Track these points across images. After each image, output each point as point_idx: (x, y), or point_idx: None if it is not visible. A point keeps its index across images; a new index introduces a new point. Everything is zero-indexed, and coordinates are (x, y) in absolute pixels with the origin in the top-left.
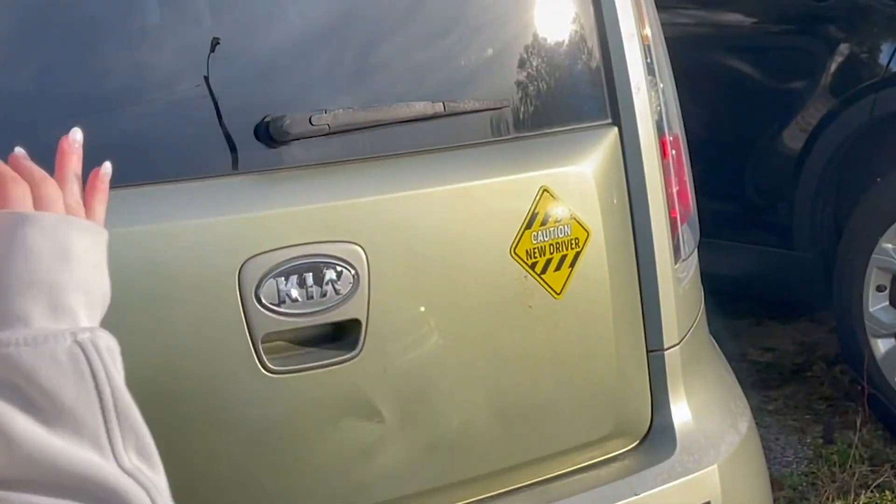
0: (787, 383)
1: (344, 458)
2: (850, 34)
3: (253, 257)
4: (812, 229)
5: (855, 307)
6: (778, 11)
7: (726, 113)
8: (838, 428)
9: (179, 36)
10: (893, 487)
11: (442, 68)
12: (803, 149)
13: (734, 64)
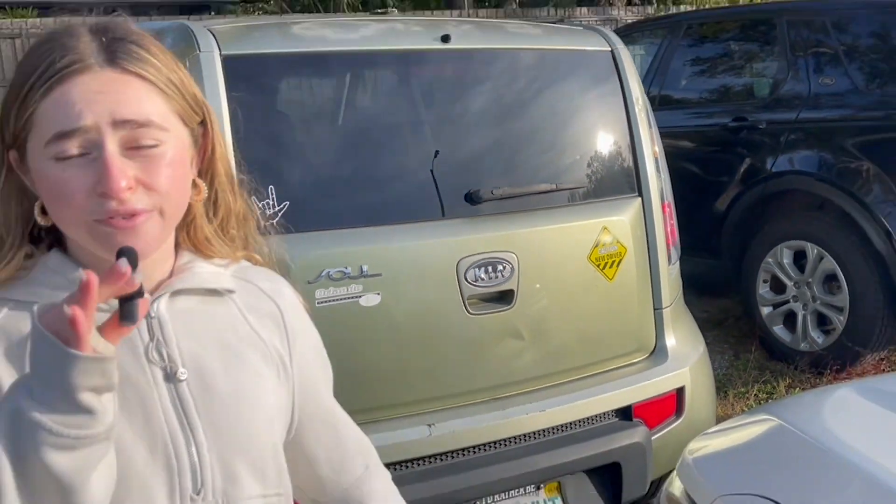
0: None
1: (503, 356)
2: (750, 149)
3: (463, 258)
4: (731, 250)
5: (752, 290)
6: (713, 136)
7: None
8: (742, 351)
9: (422, 147)
10: (770, 382)
11: (552, 164)
12: (728, 209)
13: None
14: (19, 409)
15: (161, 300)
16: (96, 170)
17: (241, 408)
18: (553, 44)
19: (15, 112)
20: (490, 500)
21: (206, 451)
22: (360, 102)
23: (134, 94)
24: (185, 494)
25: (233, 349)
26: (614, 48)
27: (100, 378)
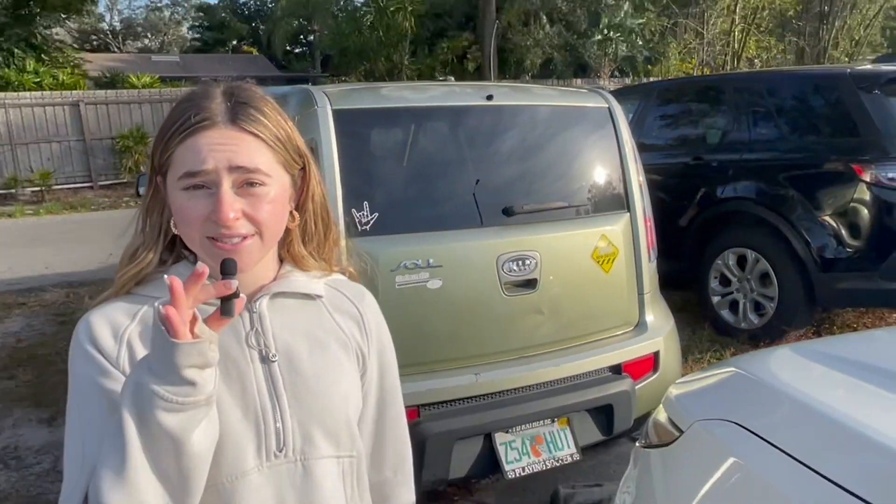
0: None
1: (528, 326)
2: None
3: (501, 254)
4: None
5: (705, 283)
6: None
7: (661, 211)
8: (697, 329)
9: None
10: (720, 350)
11: (565, 187)
12: (688, 224)
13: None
14: (141, 381)
15: (263, 299)
16: (213, 202)
17: (320, 386)
18: (566, 101)
19: (160, 151)
20: (518, 428)
21: (288, 417)
22: (428, 143)
23: (247, 148)
24: (270, 451)
25: (318, 340)
26: (610, 105)
27: (197, 357)
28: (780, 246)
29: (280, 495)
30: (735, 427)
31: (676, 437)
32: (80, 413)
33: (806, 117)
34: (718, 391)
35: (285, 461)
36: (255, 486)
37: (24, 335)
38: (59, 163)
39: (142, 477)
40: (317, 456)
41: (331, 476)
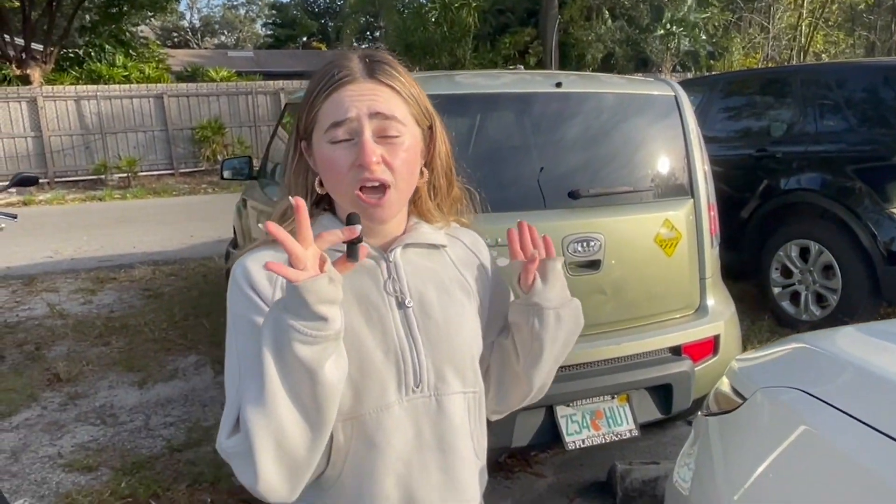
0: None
1: (591, 306)
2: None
3: (566, 235)
4: (751, 245)
5: (767, 275)
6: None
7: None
8: (757, 320)
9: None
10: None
11: (630, 173)
12: (751, 216)
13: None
14: (279, 318)
15: (396, 250)
16: (356, 151)
17: (448, 328)
18: (633, 89)
19: (306, 112)
20: (579, 402)
21: (423, 357)
22: (498, 127)
23: (384, 97)
24: (409, 386)
25: (445, 287)
26: (677, 93)
27: (323, 292)
28: (844, 238)
29: (417, 426)
30: (799, 393)
31: (739, 404)
32: (237, 347)
33: (874, 109)
34: (782, 362)
35: (421, 396)
36: (397, 417)
37: (115, 307)
38: (144, 151)
39: (279, 402)
40: (448, 391)
41: (459, 410)
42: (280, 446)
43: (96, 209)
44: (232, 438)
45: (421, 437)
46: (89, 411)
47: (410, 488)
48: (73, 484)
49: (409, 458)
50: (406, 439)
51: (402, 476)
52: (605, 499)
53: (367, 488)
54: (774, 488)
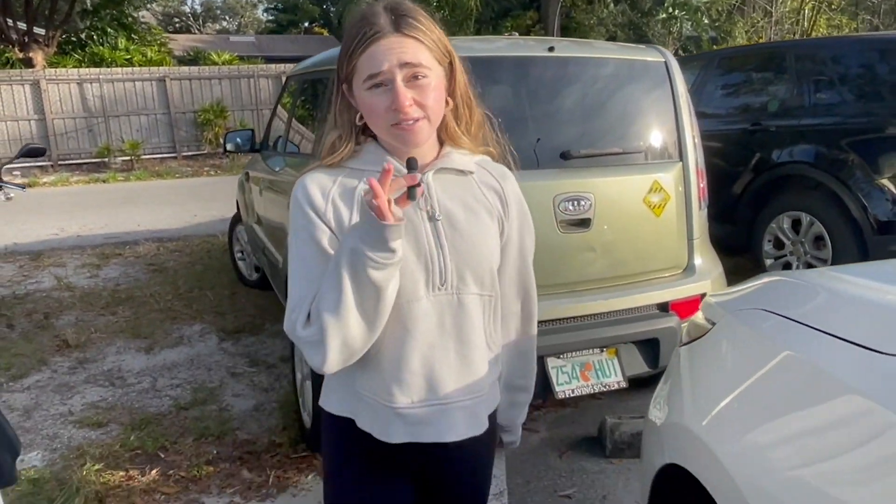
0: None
1: (581, 263)
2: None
3: (558, 194)
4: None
5: (759, 247)
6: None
7: (718, 176)
8: None
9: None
10: None
11: (621, 136)
12: (745, 189)
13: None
14: (356, 248)
15: (429, 173)
16: (391, 96)
17: (472, 240)
18: (625, 55)
19: (345, 63)
20: (569, 354)
21: (448, 261)
22: (492, 90)
23: (411, 48)
24: (435, 285)
25: (470, 207)
26: (667, 60)
27: (397, 233)
28: (835, 209)
29: (441, 317)
30: (765, 313)
31: (709, 329)
32: (299, 255)
33: (867, 83)
34: (754, 291)
35: (445, 293)
36: (425, 308)
37: (121, 280)
38: (146, 134)
39: (350, 312)
40: (467, 292)
41: (476, 308)
42: (345, 342)
43: (100, 191)
44: (307, 329)
45: (443, 327)
46: (98, 374)
47: (432, 366)
48: (84, 438)
49: (433, 341)
50: (431, 327)
51: (426, 355)
52: (595, 452)
53: (399, 362)
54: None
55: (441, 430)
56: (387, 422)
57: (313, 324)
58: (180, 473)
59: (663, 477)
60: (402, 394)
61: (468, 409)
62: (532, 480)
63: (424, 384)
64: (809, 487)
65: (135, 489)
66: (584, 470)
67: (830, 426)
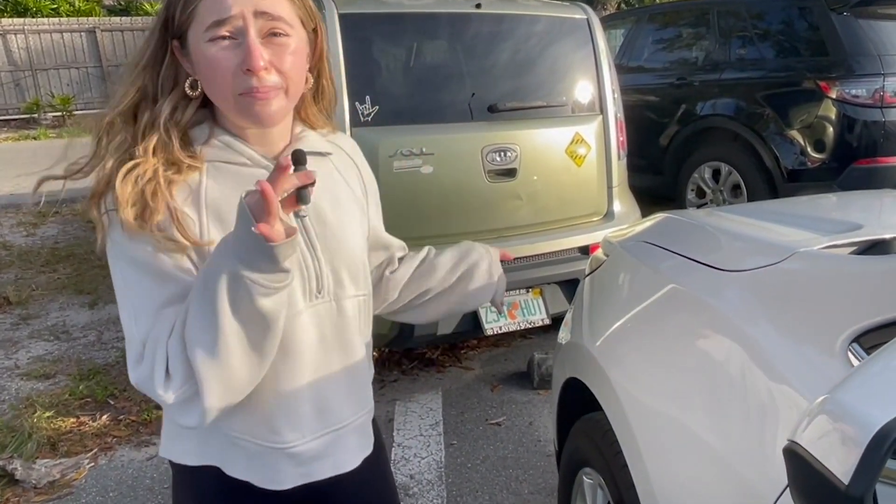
0: None
1: (508, 210)
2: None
3: (485, 146)
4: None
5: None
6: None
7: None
8: None
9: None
10: None
11: (544, 90)
12: (671, 141)
13: (649, 112)
14: (236, 272)
15: None
16: (241, 52)
17: (342, 234)
18: (548, 11)
19: (181, 7)
20: None
21: (323, 264)
22: (422, 45)
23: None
24: (312, 293)
25: (335, 196)
26: (589, 17)
27: (290, 249)
28: (751, 159)
29: (321, 330)
30: (647, 245)
31: (603, 261)
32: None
33: (782, 38)
34: (645, 228)
35: (323, 301)
36: (305, 323)
37: (60, 238)
38: (78, 89)
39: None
40: (345, 295)
41: (353, 311)
42: (228, 387)
43: (31, 148)
44: (171, 387)
45: (324, 341)
46: (42, 329)
47: (320, 388)
48: (32, 389)
49: (317, 360)
50: (312, 344)
51: (310, 376)
52: (524, 384)
53: (284, 392)
54: (628, 326)
55: (338, 462)
56: (272, 466)
57: (175, 376)
58: (130, 418)
59: (567, 388)
60: (291, 430)
61: (360, 428)
62: (465, 411)
63: (315, 413)
64: (676, 395)
65: (86, 434)
66: (514, 400)
67: (685, 334)
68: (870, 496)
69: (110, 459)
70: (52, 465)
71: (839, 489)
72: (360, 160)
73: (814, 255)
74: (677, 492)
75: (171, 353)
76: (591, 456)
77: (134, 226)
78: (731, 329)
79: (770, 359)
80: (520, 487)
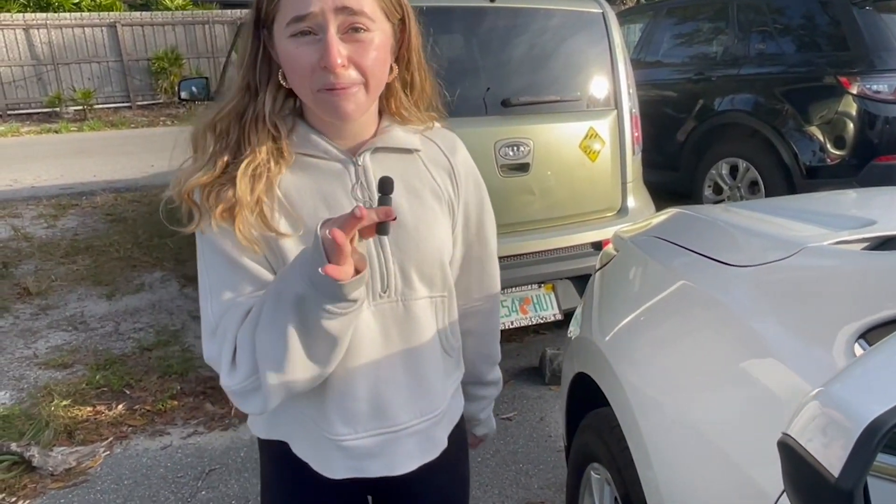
0: None
1: (521, 205)
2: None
3: (498, 140)
4: (687, 165)
5: (700, 192)
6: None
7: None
8: None
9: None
10: None
11: (559, 84)
12: (688, 137)
13: (665, 107)
14: (305, 295)
15: (366, 154)
16: (320, 48)
17: (418, 234)
18: (563, 6)
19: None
20: (511, 290)
21: (391, 263)
22: (437, 39)
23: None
24: (376, 292)
25: (416, 192)
26: (605, 10)
27: (359, 283)
28: (769, 156)
29: (385, 329)
30: (656, 240)
31: (614, 257)
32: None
33: (803, 33)
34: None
35: (389, 301)
36: (366, 321)
37: (79, 230)
38: (99, 83)
39: (298, 365)
40: (414, 297)
41: (426, 313)
42: (289, 391)
43: (53, 141)
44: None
45: (388, 341)
46: (60, 320)
47: (378, 388)
48: (50, 378)
49: (378, 359)
50: (374, 342)
51: (371, 377)
52: (536, 380)
53: (340, 387)
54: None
55: (391, 463)
56: (327, 454)
57: (240, 368)
58: (146, 407)
59: (576, 383)
60: (343, 424)
61: (422, 434)
62: None
63: (370, 411)
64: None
65: (102, 422)
66: (525, 396)
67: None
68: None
69: (125, 448)
70: (69, 453)
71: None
72: (459, 159)
73: (823, 251)
74: (682, 488)
75: (240, 345)
76: (599, 451)
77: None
78: (739, 325)
79: (777, 355)
80: (529, 482)
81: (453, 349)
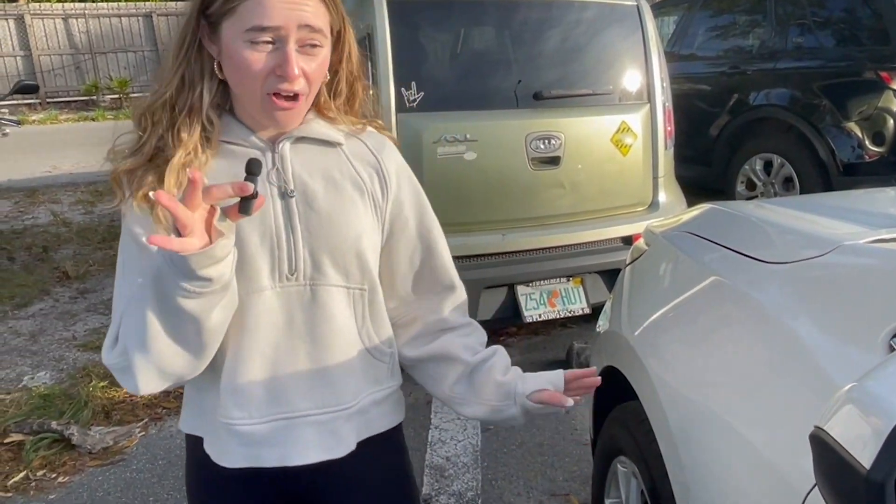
0: None
1: (550, 198)
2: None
3: (529, 133)
4: (720, 160)
5: (733, 188)
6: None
7: (696, 118)
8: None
9: (508, 62)
10: None
11: (592, 77)
12: (721, 131)
13: (699, 101)
14: (161, 270)
15: (286, 142)
16: (278, 58)
17: (331, 221)
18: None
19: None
20: (538, 283)
21: (300, 246)
22: (470, 31)
23: (314, 9)
24: (282, 274)
25: (335, 182)
26: (639, 3)
27: (208, 260)
28: (805, 152)
29: (290, 313)
30: (688, 235)
31: (645, 251)
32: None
33: (843, 26)
34: (688, 218)
35: (295, 284)
36: (268, 302)
37: (116, 217)
38: (135, 72)
39: (160, 343)
40: (324, 283)
41: (339, 303)
42: (161, 371)
43: (90, 129)
44: (112, 354)
45: (292, 325)
46: (98, 303)
47: (276, 372)
48: (89, 360)
49: (278, 342)
50: (276, 325)
51: (268, 359)
52: None
53: (234, 367)
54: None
55: (287, 453)
56: (224, 441)
57: (119, 344)
58: (179, 390)
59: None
60: (237, 407)
61: (323, 426)
62: None
63: (266, 396)
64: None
65: (138, 404)
66: None
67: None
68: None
69: (160, 429)
70: (106, 433)
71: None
72: (388, 157)
73: (859, 249)
74: (710, 482)
75: (124, 323)
76: (626, 445)
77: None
78: (772, 322)
79: (809, 352)
80: (554, 474)
81: (383, 354)
